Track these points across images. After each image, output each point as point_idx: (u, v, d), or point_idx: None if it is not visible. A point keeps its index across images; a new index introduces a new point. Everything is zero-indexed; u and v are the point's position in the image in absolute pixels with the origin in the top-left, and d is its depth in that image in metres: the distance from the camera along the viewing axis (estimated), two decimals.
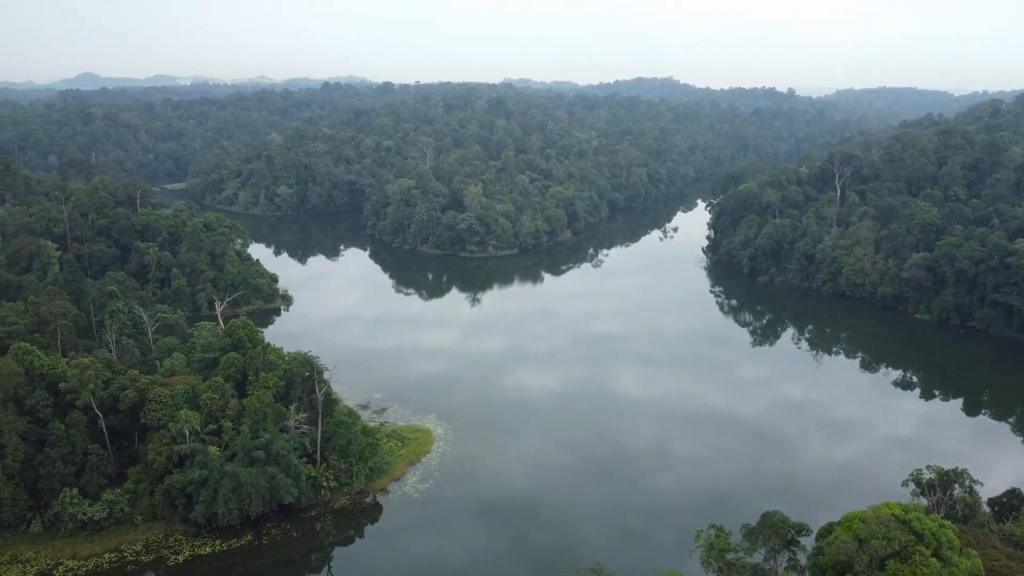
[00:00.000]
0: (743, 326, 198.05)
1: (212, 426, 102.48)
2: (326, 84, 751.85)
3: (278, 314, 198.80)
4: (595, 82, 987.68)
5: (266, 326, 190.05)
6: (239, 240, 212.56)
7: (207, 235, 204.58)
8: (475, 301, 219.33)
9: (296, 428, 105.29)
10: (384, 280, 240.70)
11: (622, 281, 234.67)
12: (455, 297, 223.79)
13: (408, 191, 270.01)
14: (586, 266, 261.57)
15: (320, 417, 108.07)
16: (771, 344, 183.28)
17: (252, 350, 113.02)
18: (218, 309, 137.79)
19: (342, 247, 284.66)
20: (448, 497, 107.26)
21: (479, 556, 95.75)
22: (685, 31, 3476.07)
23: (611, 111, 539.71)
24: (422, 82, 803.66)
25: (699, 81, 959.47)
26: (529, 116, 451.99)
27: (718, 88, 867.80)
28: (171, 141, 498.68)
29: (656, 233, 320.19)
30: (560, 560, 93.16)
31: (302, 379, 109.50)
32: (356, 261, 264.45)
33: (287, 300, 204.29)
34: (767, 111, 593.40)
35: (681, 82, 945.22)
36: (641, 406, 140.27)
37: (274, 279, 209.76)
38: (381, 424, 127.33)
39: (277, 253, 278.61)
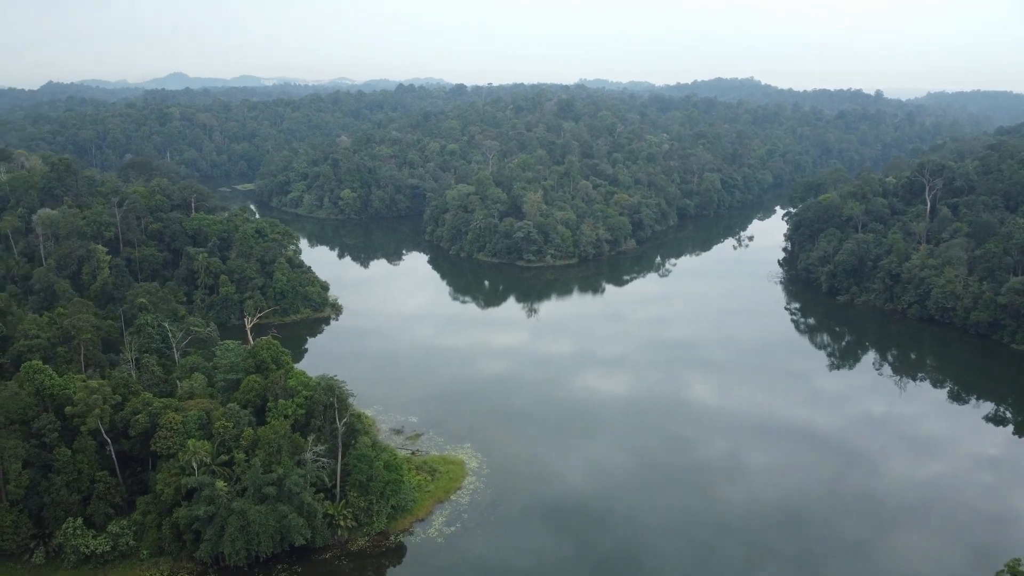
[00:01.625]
0: (820, 347, 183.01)
1: (224, 457, 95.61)
2: (400, 86, 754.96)
3: (327, 323, 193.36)
4: (672, 82, 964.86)
5: (315, 335, 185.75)
6: (291, 247, 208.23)
7: (259, 241, 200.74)
8: (531, 311, 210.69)
9: (314, 461, 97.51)
10: (440, 288, 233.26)
11: (685, 296, 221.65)
12: (511, 307, 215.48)
13: (467, 197, 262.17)
14: (651, 276, 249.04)
15: (340, 450, 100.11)
16: (850, 367, 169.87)
17: (275, 373, 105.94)
18: (248, 324, 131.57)
19: (401, 253, 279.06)
20: (473, 547, 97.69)
21: None
22: (768, 29, 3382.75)
23: (686, 113, 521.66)
24: (494, 84, 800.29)
25: (781, 82, 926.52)
26: (599, 119, 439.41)
27: (801, 89, 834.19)
28: (245, 142, 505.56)
29: (729, 242, 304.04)
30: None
31: (323, 407, 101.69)
32: (413, 268, 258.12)
33: (337, 309, 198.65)
34: (852, 114, 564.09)
35: (762, 83, 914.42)
36: (713, 415, 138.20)
37: (325, 287, 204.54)
38: (412, 453, 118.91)
39: (340, 256, 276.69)
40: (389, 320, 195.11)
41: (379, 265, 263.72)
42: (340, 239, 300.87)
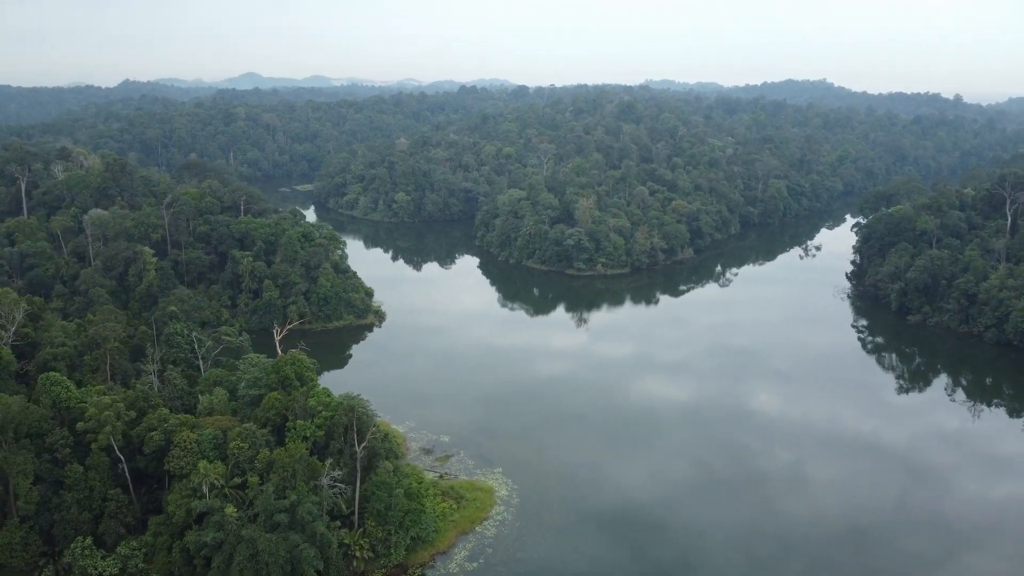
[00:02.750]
0: (887, 368, 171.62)
1: (237, 479, 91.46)
2: (462, 88, 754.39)
3: (370, 330, 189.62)
4: (741, 84, 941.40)
5: (356, 342, 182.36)
6: (338, 251, 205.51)
7: (305, 245, 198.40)
8: (581, 319, 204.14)
9: (330, 487, 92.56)
10: (488, 295, 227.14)
11: (746, 306, 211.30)
12: (559, 315, 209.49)
13: (517, 203, 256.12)
14: (710, 286, 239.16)
15: (358, 475, 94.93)
16: (920, 389, 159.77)
17: (296, 391, 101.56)
18: (277, 336, 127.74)
19: (452, 258, 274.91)
20: None
21: None
22: (841, 29, 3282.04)
23: (753, 116, 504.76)
24: (557, 85, 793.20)
25: (855, 84, 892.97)
26: (660, 121, 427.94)
27: (875, 92, 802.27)
28: (307, 142, 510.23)
29: (795, 252, 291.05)
30: None
31: (343, 429, 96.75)
32: (462, 273, 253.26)
33: (380, 316, 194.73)
34: (929, 119, 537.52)
35: (835, 85, 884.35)
36: (776, 425, 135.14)
37: (369, 293, 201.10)
38: (440, 476, 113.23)
39: (394, 259, 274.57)
40: (433, 328, 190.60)
41: (428, 270, 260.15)
42: (394, 242, 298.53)
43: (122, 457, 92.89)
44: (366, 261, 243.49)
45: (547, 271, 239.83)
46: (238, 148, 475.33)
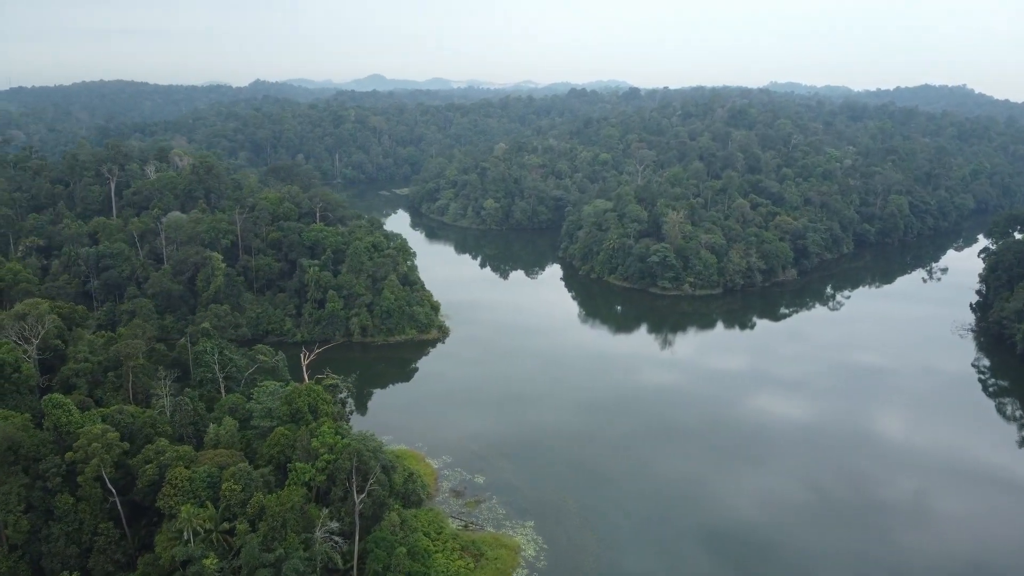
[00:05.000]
0: (1009, 419, 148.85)
1: (227, 524, 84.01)
2: (572, 90, 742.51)
3: (433, 346, 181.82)
4: (872, 88, 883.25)
5: (416, 359, 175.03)
6: (407, 263, 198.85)
7: (373, 256, 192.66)
8: (666, 343, 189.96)
9: (325, 540, 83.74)
10: (566, 310, 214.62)
11: (860, 329, 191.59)
12: (641, 338, 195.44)
13: (603, 214, 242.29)
14: (817, 311, 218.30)
15: (358, 530, 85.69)
16: None
17: (302, 428, 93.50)
18: (304, 361, 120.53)
19: (534, 269, 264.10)
20: None
21: None
22: (985, 29, 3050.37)
23: (878, 124, 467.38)
24: (674, 87, 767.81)
25: (997, 91, 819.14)
26: (775, 128, 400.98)
27: (1019, 100, 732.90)
28: (411, 146, 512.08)
29: (917, 275, 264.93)
30: None
31: (347, 474, 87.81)
32: (541, 286, 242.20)
33: (444, 332, 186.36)
34: None
35: (975, 91, 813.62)
36: (898, 451, 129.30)
37: (435, 307, 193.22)
38: (464, 526, 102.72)
39: (482, 265, 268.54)
40: (500, 345, 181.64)
41: (507, 280, 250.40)
42: (481, 249, 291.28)
43: (113, 490, 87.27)
44: (443, 271, 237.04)
45: (629, 288, 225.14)
46: (344, 150, 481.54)
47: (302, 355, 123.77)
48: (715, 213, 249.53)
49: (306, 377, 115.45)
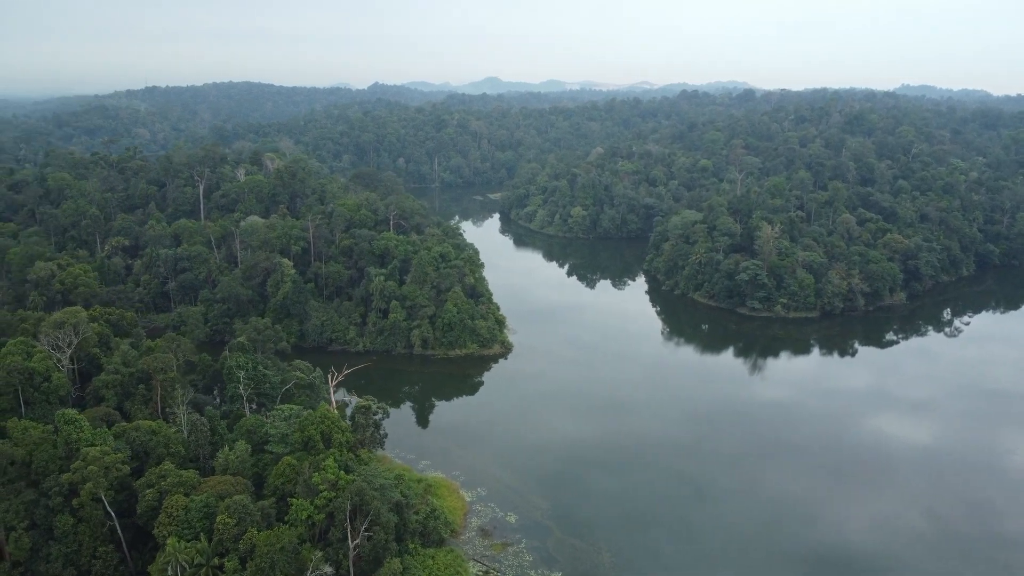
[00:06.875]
0: None
1: (216, 560, 79.45)
2: (683, 92, 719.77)
3: (495, 362, 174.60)
4: (1013, 93, 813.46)
5: (474, 376, 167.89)
6: (475, 275, 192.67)
7: (440, 267, 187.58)
8: (755, 367, 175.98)
9: None
10: (643, 329, 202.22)
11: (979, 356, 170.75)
12: (728, 361, 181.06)
13: (691, 226, 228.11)
14: (930, 339, 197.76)
15: (351, 574, 79.26)
16: None
17: (304, 461, 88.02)
18: (331, 382, 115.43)
19: (618, 281, 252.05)
20: None
21: None
22: None
23: (1014, 133, 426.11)
24: (794, 88, 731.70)
25: None
26: (896, 135, 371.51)
27: None
28: (510, 150, 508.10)
29: None
30: None
31: (348, 515, 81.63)
32: (622, 300, 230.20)
33: (507, 347, 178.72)
34: None
35: None
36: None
37: (500, 320, 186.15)
38: (485, 573, 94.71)
39: (568, 274, 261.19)
40: (563, 365, 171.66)
41: (586, 293, 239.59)
42: (567, 258, 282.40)
43: (112, 514, 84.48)
44: (524, 277, 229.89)
45: (714, 307, 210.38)
46: (444, 154, 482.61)
47: (330, 376, 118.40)
48: (817, 228, 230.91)
49: (332, 400, 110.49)
